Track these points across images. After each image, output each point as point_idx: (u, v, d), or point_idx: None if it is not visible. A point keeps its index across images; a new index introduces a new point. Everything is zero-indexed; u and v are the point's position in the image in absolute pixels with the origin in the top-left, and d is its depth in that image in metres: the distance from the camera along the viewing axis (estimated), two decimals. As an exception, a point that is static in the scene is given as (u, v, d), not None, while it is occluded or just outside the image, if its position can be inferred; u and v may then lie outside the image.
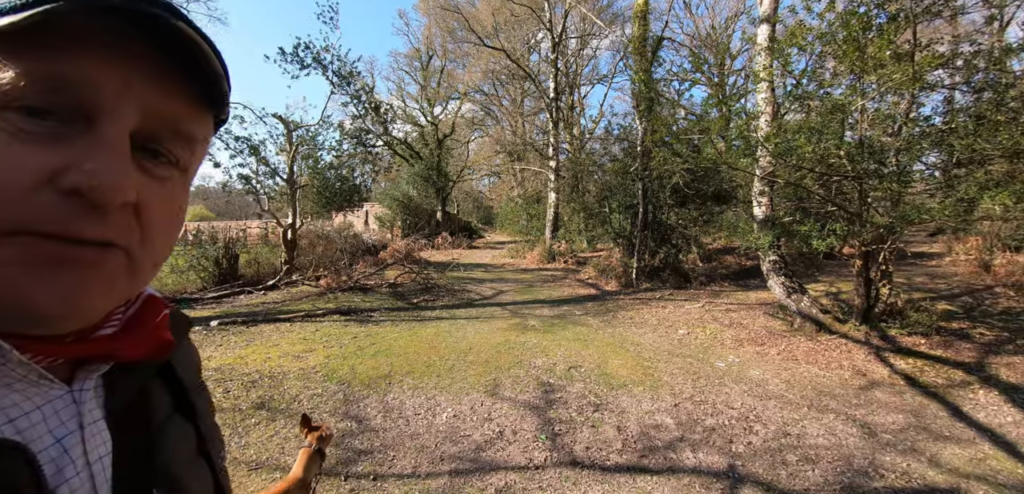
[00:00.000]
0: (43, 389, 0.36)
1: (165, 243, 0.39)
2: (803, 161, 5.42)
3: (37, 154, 0.30)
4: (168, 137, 0.37)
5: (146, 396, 0.46)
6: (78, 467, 0.36)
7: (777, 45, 5.88)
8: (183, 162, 0.39)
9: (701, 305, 7.99)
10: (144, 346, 0.43)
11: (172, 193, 0.38)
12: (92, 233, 0.32)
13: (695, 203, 10.59)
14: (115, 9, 0.31)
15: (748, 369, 4.98)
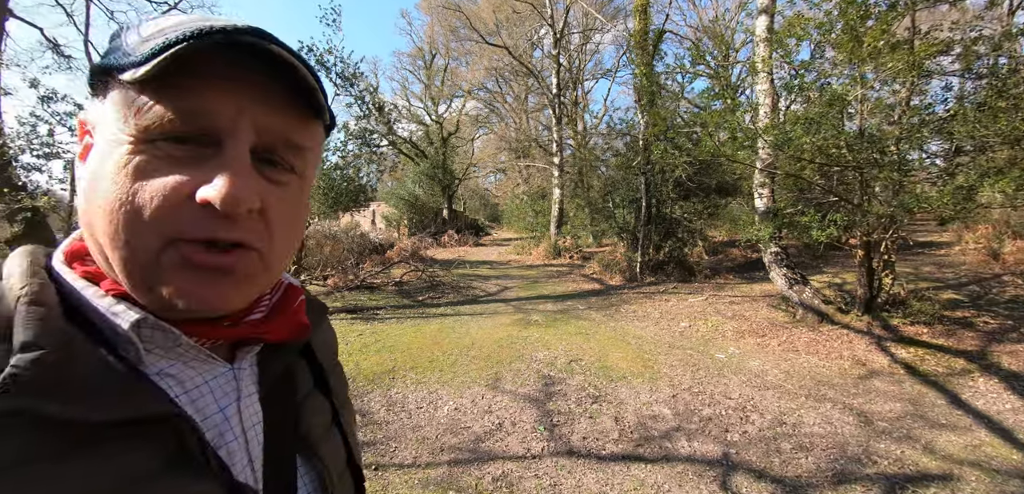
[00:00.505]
0: (210, 367, 0.45)
1: (290, 239, 0.44)
2: (802, 152, 5.41)
3: (182, 174, 0.37)
4: (282, 148, 0.42)
5: (291, 374, 0.54)
6: (235, 433, 0.45)
7: (775, 36, 5.86)
8: (299, 168, 0.44)
9: (704, 298, 8.00)
10: (286, 329, 0.50)
11: (292, 196, 0.44)
12: (226, 236, 0.38)
13: (699, 196, 10.57)
14: (224, 45, 0.37)
15: (748, 360, 5.00)
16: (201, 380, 0.44)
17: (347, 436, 0.58)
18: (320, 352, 0.59)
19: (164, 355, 0.42)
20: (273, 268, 0.44)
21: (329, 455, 0.54)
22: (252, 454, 0.46)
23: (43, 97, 7.24)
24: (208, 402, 0.44)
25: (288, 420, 0.51)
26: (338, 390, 0.61)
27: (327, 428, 0.56)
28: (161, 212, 0.37)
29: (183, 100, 0.37)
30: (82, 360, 0.36)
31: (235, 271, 0.40)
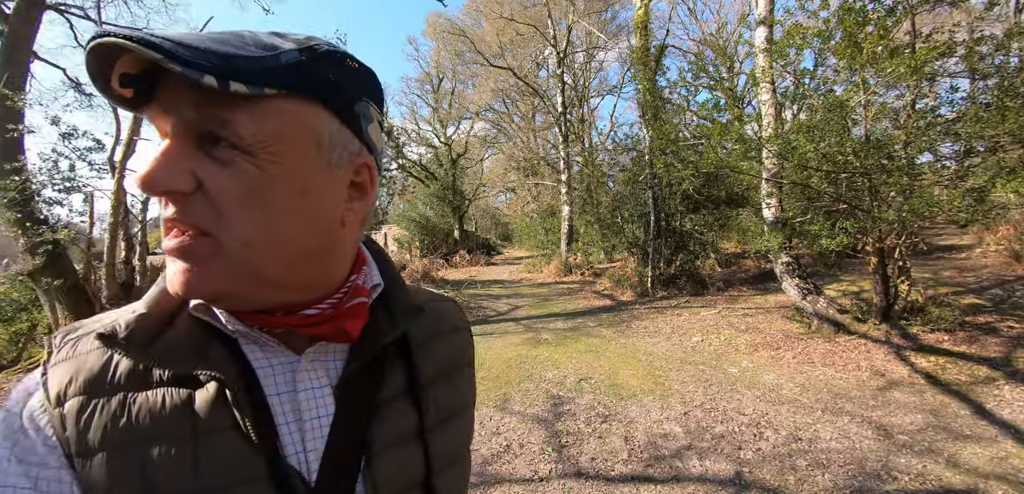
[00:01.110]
0: (276, 353, 0.49)
1: (250, 223, 0.42)
2: (807, 160, 5.35)
3: None
4: (217, 127, 0.40)
5: (377, 375, 0.53)
6: (288, 418, 0.48)
7: (775, 46, 5.85)
8: (243, 145, 0.41)
9: (717, 311, 7.88)
10: (329, 327, 0.50)
11: (242, 175, 0.41)
12: (171, 218, 0.42)
13: (708, 208, 10.47)
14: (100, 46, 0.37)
15: (761, 374, 4.89)
16: (267, 363, 0.49)
17: (431, 455, 0.54)
18: (421, 355, 0.58)
19: (245, 338, 0.48)
20: (234, 254, 0.42)
21: (390, 468, 0.51)
22: (306, 442, 0.47)
23: (64, 134, 7.49)
24: (269, 384, 0.48)
25: (359, 419, 0.50)
26: (441, 401, 0.58)
27: (402, 440, 0.53)
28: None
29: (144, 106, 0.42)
30: (181, 325, 0.46)
31: (186, 253, 0.42)
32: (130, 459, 0.41)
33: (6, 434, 0.42)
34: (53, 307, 7.39)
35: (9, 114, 7.38)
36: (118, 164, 7.52)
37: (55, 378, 0.43)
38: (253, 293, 0.45)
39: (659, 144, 8.04)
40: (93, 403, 0.42)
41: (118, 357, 0.44)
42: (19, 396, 0.44)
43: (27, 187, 7.22)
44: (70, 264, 7.66)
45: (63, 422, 0.42)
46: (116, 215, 7.36)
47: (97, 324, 0.47)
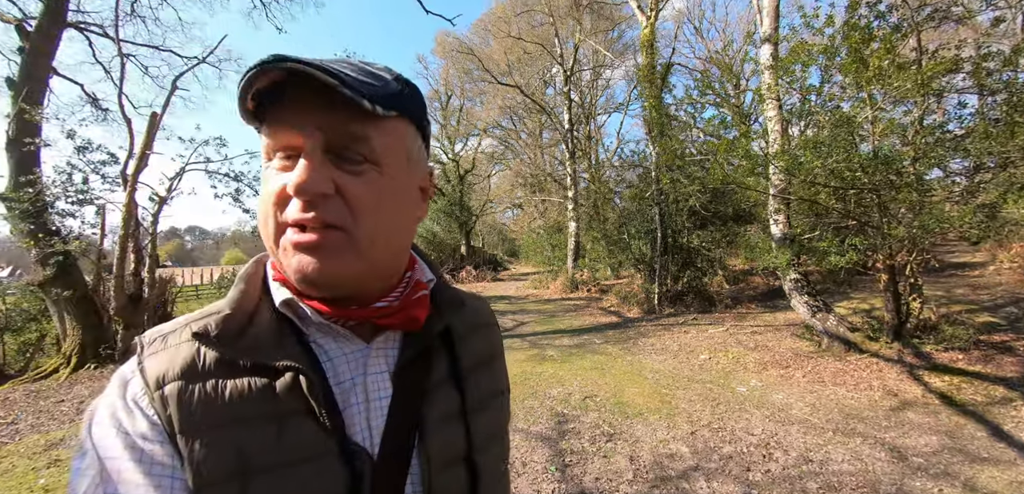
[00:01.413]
0: (348, 342, 0.56)
1: (381, 222, 0.52)
2: (815, 176, 5.31)
3: (282, 178, 0.50)
4: (349, 140, 0.49)
5: (428, 360, 0.60)
6: (358, 401, 0.54)
7: (781, 63, 5.85)
8: (372, 157, 0.50)
9: (725, 329, 7.78)
10: (400, 317, 0.57)
11: (372, 181, 0.50)
12: (307, 219, 0.48)
13: (715, 224, 10.41)
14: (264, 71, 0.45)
15: (771, 393, 4.81)
16: (339, 352, 0.55)
17: (472, 433, 0.60)
18: (461, 345, 0.65)
19: (318, 329, 0.55)
20: (363, 246, 0.50)
21: (440, 443, 0.57)
22: (372, 422, 0.53)
23: (79, 147, 7.62)
24: (342, 370, 0.54)
25: (413, 400, 0.57)
26: (480, 386, 0.64)
27: (448, 418, 0.59)
28: (275, 205, 0.50)
29: (271, 127, 0.50)
30: (260, 323, 0.53)
31: (322, 246, 0.49)
32: (225, 435, 0.47)
33: (111, 416, 0.47)
34: (62, 318, 7.45)
35: (26, 128, 7.55)
36: (130, 177, 7.63)
37: (153, 367, 0.49)
38: (365, 281, 0.54)
39: (665, 160, 8.04)
40: (190, 387, 0.48)
41: (205, 349, 0.50)
42: (117, 384, 0.50)
43: (41, 199, 7.34)
44: (80, 275, 7.73)
45: (164, 403, 0.47)
46: (127, 227, 7.44)
47: (184, 324, 0.53)
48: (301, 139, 0.48)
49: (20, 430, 4.70)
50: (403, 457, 0.54)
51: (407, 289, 0.60)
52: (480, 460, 0.61)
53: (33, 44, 8.23)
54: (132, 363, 0.51)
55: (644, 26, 11.20)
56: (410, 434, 0.55)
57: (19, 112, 7.46)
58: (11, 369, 7.20)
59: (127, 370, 0.51)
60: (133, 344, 0.53)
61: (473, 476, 0.60)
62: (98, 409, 0.49)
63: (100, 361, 7.09)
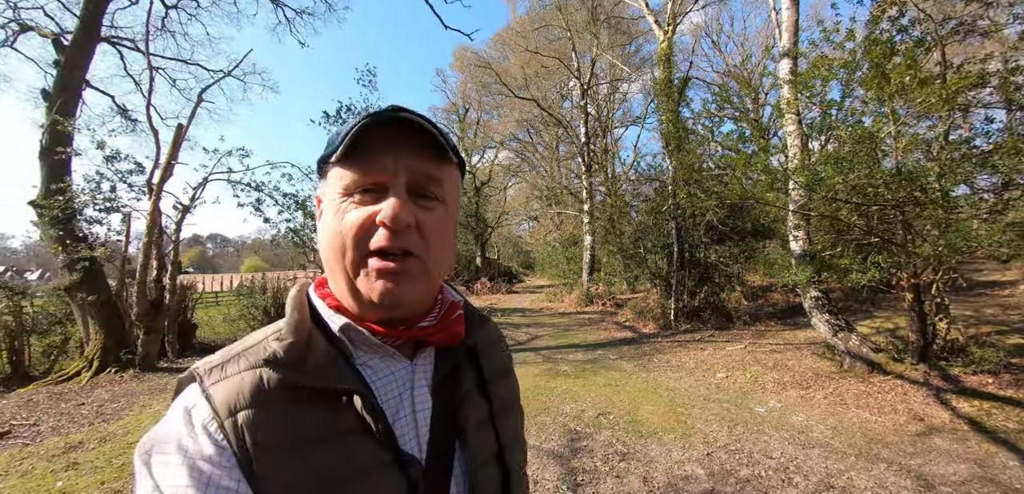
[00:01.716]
0: (394, 361, 0.62)
1: (443, 249, 0.61)
2: (836, 192, 5.20)
3: (368, 209, 0.56)
4: (426, 182, 0.58)
5: (458, 374, 0.67)
6: (407, 413, 0.60)
7: (800, 78, 5.77)
8: (441, 196, 0.60)
9: (743, 346, 7.63)
10: (444, 335, 0.65)
11: (440, 217, 0.60)
12: (396, 245, 0.55)
13: (733, 239, 10.25)
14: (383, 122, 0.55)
15: (790, 415, 4.68)
16: (387, 371, 0.60)
17: (500, 435, 0.68)
18: (483, 358, 0.72)
19: (366, 351, 0.60)
20: (433, 272, 0.59)
21: (478, 446, 0.63)
22: (420, 433, 0.59)
23: (108, 157, 7.87)
24: (390, 387, 0.60)
25: (450, 410, 0.63)
26: (501, 395, 0.72)
27: (482, 423, 0.66)
28: (358, 235, 0.56)
29: (362, 164, 0.56)
30: (316, 349, 0.57)
31: (404, 272, 0.56)
32: (299, 456, 0.50)
33: (176, 445, 0.49)
34: (86, 322, 7.65)
35: (59, 137, 7.84)
36: (155, 186, 7.84)
37: (221, 395, 0.52)
38: (425, 303, 0.63)
39: (682, 175, 7.96)
40: (261, 413, 0.51)
41: (268, 375, 0.53)
42: (180, 414, 0.52)
43: (70, 206, 7.59)
44: (105, 281, 7.94)
45: (236, 429, 0.50)
46: (151, 235, 7.63)
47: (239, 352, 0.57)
48: (391, 177, 0.56)
49: (41, 432, 4.82)
50: (447, 461, 0.60)
51: (443, 309, 0.67)
52: (509, 460, 0.68)
53: (68, 57, 8.57)
54: (193, 393, 0.54)
55: (661, 40, 11.18)
56: (451, 440, 0.61)
57: (53, 122, 7.76)
58: (35, 370, 7.40)
59: (188, 401, 0.53)
60: (187, 375, 0.56)
61: (504, 475, 0.67)
62: (157, 440, 0.50)
63: (121, 365, 7.24)
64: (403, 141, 0.56)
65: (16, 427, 4.94)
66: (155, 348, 7.67)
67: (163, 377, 7.01)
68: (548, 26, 21.65)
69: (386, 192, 0.56)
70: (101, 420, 5.12)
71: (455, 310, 0.69)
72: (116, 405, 5.68)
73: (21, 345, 7.34)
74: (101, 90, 11.40)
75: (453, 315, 0.67)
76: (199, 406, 0.52)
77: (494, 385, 0.72)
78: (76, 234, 7.66)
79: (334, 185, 0.58)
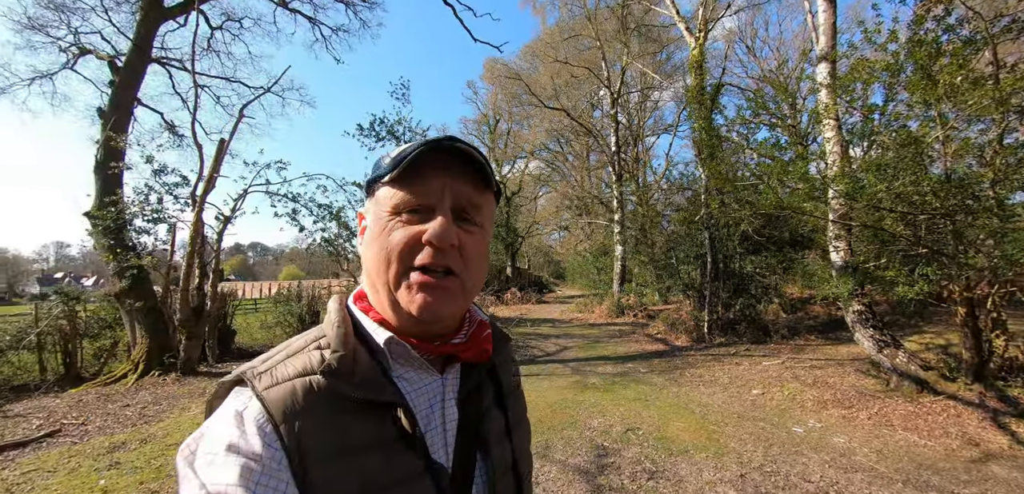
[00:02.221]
0: (428, 375, 0.65)
1: (479, 270, 0.65)
2: (879, 200, 4.95)
3: (415, 228, 0.59)
4: (469, 207, 0.62)
5: (480, 389, 0.71)
6: (436, 425, 0.63)
7: (839, 82, 5.54)
8: (479, 221, 0.64)
9: (780, 361, 7.33)
10: (474, 351, 0.68)
11: (478, 240, 0.63)
12: (439, 263, 0.59)
13: (770, 250, 9.88)
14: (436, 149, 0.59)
15: (831, 435, 4.45)
16: (421, 383, 0.64)
17: (515, 447, 0.73)
18: (502, 375, 0.77)
19: (403, 364, 0.63)
20: (469, 291, 0.63)
21: (498, 456, 0.68)
22: (448, 443, 0.63)
23: (156, 170, 8.32)
24: (423, 399, 0.63)
25: (473, 423, 0.67)
26: (514, 409, 0.77)
27: (501, 435, 0.71)
28: (403, 251, 0.59)
29: (413, 187, 0.60)
30: (361, 362, 0.60)
31: (444, 288, 0.59)
32: (348, 462, 0.53)
33: (225, 446, 0.50)
34: (133, 327, 8.07)
35: (112, 153, 8.34)
36: (198, 198, 8.22)
37: (275, 399, 0.54)
38: (458, 318, 0.68)
39: (715, 183, 7.76)
40: (314, 418, 0.53)
41: (319, 384, 0.56)
42: (231, 416, 0.53)
43: (121, 217, 8.06)
44: (151, 288, 8.37)
45: (291, 433, 0.52)
46: (193, 244, 8.00)
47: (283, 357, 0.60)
48: (438, 201, 0.60)
49: (89, 431, 5.08)
50: (470, 470, 0.64)
51: (472, 327, 0.71)
52: (523, 469, 0.74)
53: (121, 78, 9.14)
54: (243, 396, 0.56)
55: (693, 47, 10.99)
56: (474, 451, 0.65)
57: (106, 138, 8.27)
58: (86, 372, 7.83)
59: (238, 403, 0.55)
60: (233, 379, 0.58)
61: (518, 483, 0.73)
62: (207, 443, 0.51)
63: (164, 369, 7.59)
64: (452, 168, 0.61)
65: (66, 426, 5.23)
66: (196, 353, 8.00)
67: (202, 381, 7.29)
68: (577, 36, 21.62)
69: (432, 214, 0.60)
70: (143, 422, 5.36)
71: (484, 329, 0.72)
72: (158, 408, 5.94)
73: (74, 347, 7.80)
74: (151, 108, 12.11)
75: (483, 334, 0.71)
76: (251, 408, 0.53)
77: (509, 399, 0.76)
78: (126, 243, 8.12)
79: (383, 203, 0.62)
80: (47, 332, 7.69)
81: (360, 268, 4.55)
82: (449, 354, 0.66)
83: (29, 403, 6.32)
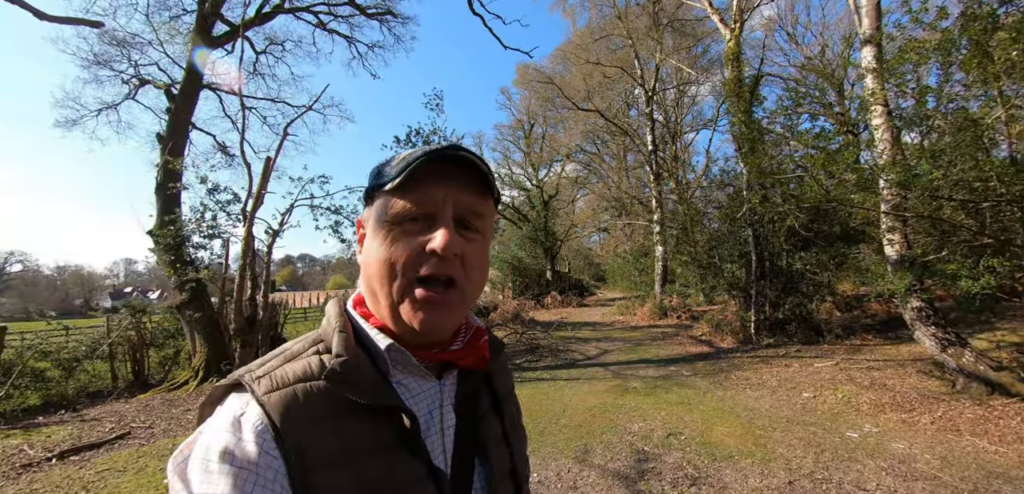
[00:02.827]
0: (426, 381, 0.65)
1: (479, 279, 0.65)
2: (938, 189, 4.65)
3: (417, 237, 0.60)
4: (470, 216, 0.63)
5: (476, 395, 0.71)
6: (436, 430, 0.64)
7: (887, 65, 5.24)
8: (481, 229, 0.65)
9: (834, 363, 6.97)
10: (472, 358, 0.69)
11: (478, 249, 0.64)
12: (442, 272, 0.59)
13: (820, 245, 9.40)
14: (438, 158, 0.59)
15: (890, 441, 4.19)
16: (420, 390, 0.64)
17: (513, 452, 0.74)
18: (497, 381, 0.77)
19: (401, 370, 0.63)
20: (469, 300, 0.63)
21: (496, 461, 0.69)
22: (446, 448, 0.64)
23: (210, 189, 8.87)
24: (422, 405, 0.63)
25: (471, 428, 0.67)
26: (510, 415, 0.78)
27: (498, 441, 0.72)
28: (406, 261, 0.59)
29: (415, 195, 0.60)
30: (362, 366, 0.59)
31: (446, 303, 0.60)
32: (349, 467, 0.53)
33: (224, 456, 0.48)
34: (192, 336, 8.63)
35: (171, 174, 8.96)
36: (248, 214, 8.69)
37: (274, 404, 0.53)
38: (457, 327, 0.68)
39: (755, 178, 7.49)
40: (315, 424, 0.53)
41: (320, 389, 0.56)
42: (227, 422, 0.52)
43: (180, 234, 8.65)
44: (208, 300, 8.93)
45: (289, 440, 0.51)
46: (245, 258, 8.46)
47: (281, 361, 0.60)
48: (440, 209, 0.60)
49: (155, 434, 5.47)
50: (468, 474, 0.64)
51: (469, 334, 0.71)
52: (521, 474, 0.75)
53: (177, 104, 9.81)
54: (241, 401, 0.54)
55: (728, 39, 10.66)
56: (472, 456, 0.66)
57: (164, 162, 8.89)
58: (153, 379, 8.43)
59: (235, 409, 0.53)
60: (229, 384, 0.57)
61: (517, 488, 0.73)
62: (200, 452, 0.50)
63: (221, 375, 8.05)
64: (453, 175, 0.61)
65: (135, 429, 5.65)
66: (250, 360, 8.41)
67: (257, 391, 7.68)
68: (609, 36, 21.40)
69: (434, 222, 0.60)
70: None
71: (481, 336, 0.72)
72: (216, 415, 6.32)
73: (142, 356, 8.42)
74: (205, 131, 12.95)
75: (480, 341, 0.72)
76: (250, 413, 0.52)
77: (505, 405, 0.77)
78: (184, 259, 8.70)
79: (383, 212, 0.62)
80: (118, 342, 8.34)
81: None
82: (447, 361, 0.67)
83: (103, 408, 6.87)
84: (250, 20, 11.47)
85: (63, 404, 7.07)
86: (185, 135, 10.04)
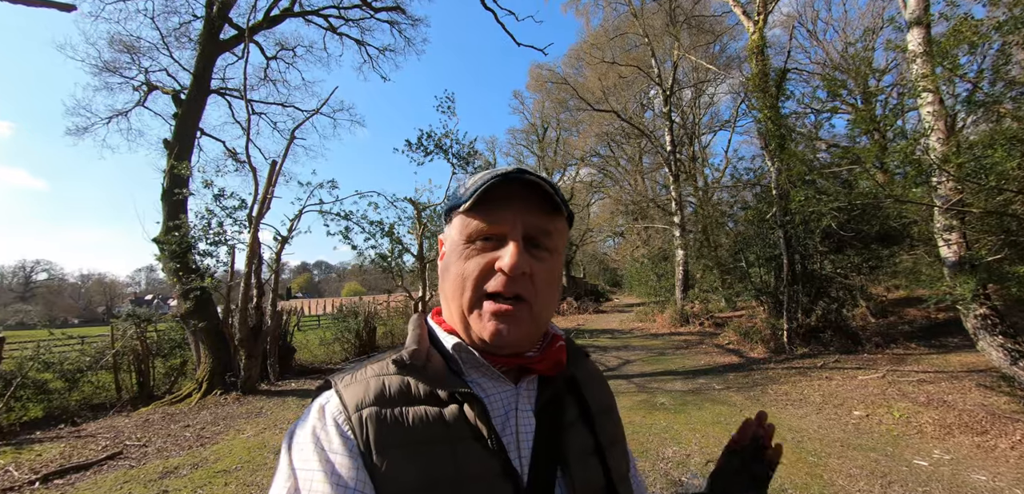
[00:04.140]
0: (501, 383, 0.66)
1: (550, 296, 0.66)
2: (1007, 181, 4.14)
3: (488, 256, 0.63)
4: (540, 235, 0.64)
5: (560, 403, 0.69)
6: (511, 432, 0.62)
7: (939, 47, 4.75)
8: (551, 247, 0.65)
9: (880, 375, 6.40)
10: (546, 364, 0.69)
11: (549, 267, 0.65)
12: (510, 291, 0.61)
13: (854, 247, 8.78)
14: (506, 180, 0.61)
15: (966, 470, 3.67)
16: (494, 390, 0.65)
17: (610, 469, 0.68)
18: (586, 392, 0.73)
19: (475, 371, 0.66)
20: (539, 317, 0.64)
21: (580, 476, 0.64)
22: (521, 452, 0.62)
23: (216, 195, 8.62)
24: (497, 406, 0.63)
25: (553, 436, 0.65)
26: (607, 430, 0.72)
27: (586, 455, 0.67)
28: (477, 277, 0.63)
29: (487, 216, 0.63)
30: (432, 361, 0.65)
31: (514, 316, 0.61)
32: (413, 454, 0.54)
33: (311, 435, 0.55)
34: (197, 347, 8.36)
35: (177, 180, 8.74)
36: (253, 219, 8.42)
37: (350, 395, 0.58)
38: (529, 344, 0.68)
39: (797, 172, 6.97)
40: (383, 412, 0.57)
41: (390, 380, 0.60)
42: (317, 410, 0.58)
43: (185, 241, 8.41)
44: (214, 309, 8.66)
45: (361, 425, 0.55)
46: (250, 264, 8.18)
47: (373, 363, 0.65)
48: (510, 228, 0.62)
49: (148, 454, 5.15)
50: (549, 485, 0.61)
51: (546, 341, 0.72)
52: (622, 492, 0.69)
53: (184, 110, 9.63)
54: (328, 394, 0.60)
55: (752, 32, 10.15)
56: (554, 466, 0.63)
57: (171, 167, 8.68)
58: (158, 390, 8.18)
59: (323, 400, 0.60)
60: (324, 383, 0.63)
61: None
62: (298, 432, 0.57)
63: (226, 388, 7.74)
64: (522, 196, 0.63)
65: (128, 447, 5.35)
66: (256, 371, 8.12)
67: (261, 400, 7.35)
68: (624, 35, 20.95)
69: (505, 241, 0.62)
70: (199, 444, 5.38)
71: (557, 341, 0.72)
72: (216, 428, 5.99)
73: (147, 367, 8.16)
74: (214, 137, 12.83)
75: (555, 345, 0.71)
76: (331, 403, 0.58)
77: (599, 418, 0.72)
78: (190, 266, 8.44)
79: (459, 231, 0.65)
80: (123, 353, 8.08)
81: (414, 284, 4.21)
82: (521, 365, 0.67)
83: (103, 422, 6.61)
84: (257, 24, 11.29)
85: (64, 417, 6.83)
86: (193, 141, 9.86)
